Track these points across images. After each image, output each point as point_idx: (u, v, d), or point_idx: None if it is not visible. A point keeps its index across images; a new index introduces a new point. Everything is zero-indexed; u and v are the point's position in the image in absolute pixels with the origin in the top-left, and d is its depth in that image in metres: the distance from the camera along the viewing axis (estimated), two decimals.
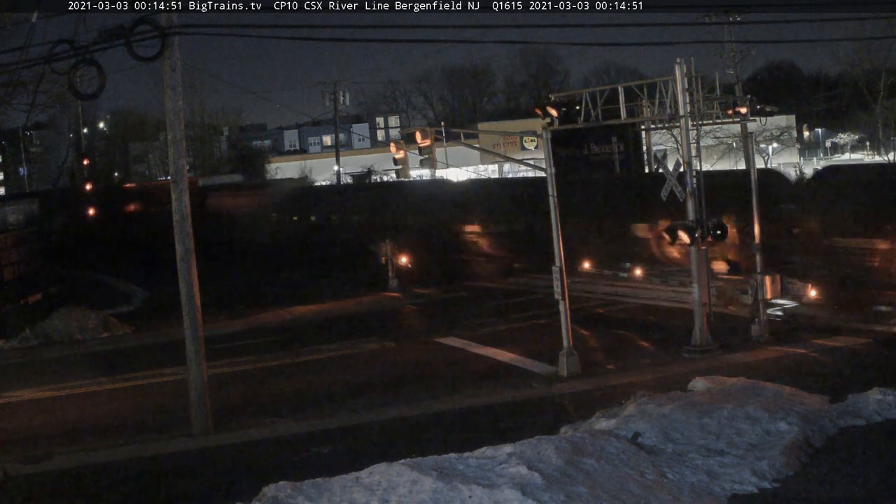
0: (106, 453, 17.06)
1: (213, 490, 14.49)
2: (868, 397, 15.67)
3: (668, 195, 22.52)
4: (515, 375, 21.27)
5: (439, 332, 26.97)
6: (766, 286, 22.64)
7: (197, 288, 17.99)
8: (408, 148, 24.11)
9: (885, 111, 58.79)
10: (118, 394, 22.13)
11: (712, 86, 24.76)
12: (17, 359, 27.18)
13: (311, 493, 12.19)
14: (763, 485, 12.45)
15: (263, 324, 30.89)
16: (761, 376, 18.43)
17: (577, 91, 23.89)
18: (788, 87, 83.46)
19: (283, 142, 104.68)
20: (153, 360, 25.52)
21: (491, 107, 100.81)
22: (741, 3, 34.64)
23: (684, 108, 21.81)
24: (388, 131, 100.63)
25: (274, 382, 22.27)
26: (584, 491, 11.89)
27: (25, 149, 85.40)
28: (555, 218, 21.35)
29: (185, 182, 18.15)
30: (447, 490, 11.78)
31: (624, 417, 15.20)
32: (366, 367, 23.52)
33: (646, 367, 21.00)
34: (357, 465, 13.07)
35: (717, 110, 24.45)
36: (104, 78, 16.57)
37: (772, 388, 16.87)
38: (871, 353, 20.82)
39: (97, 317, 31.04)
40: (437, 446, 14.75)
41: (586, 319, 26.67)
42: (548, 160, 21.35)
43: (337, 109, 70.65)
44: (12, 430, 19.02)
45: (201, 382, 17.96)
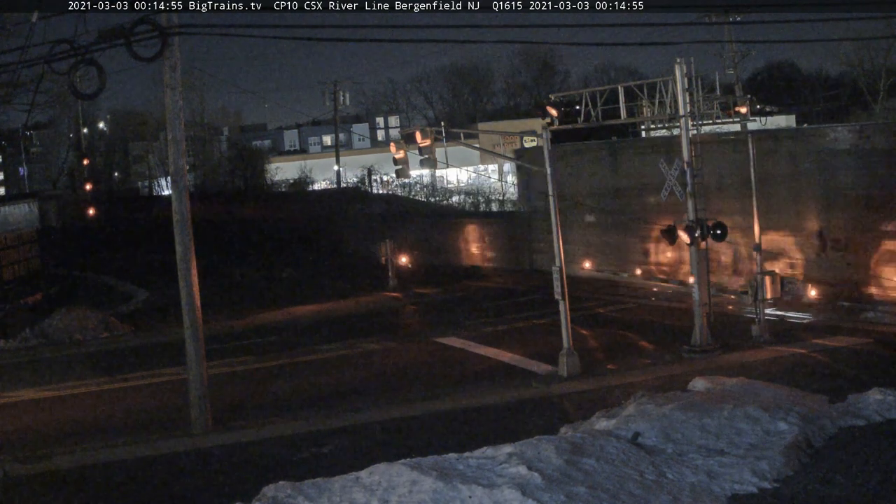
0: (106, 453, 17.06)
1: (213, 490, 14.49)
2: (868, 397, 15.68)
3: (667, 195, 22.54)
4: (515, 375, 21.27)
5: (439, 332, 26.98)
6: (766, 286, 22.64)
7: (197, 288, 17.99)
8: (408, 148, 24.10)
9: (885, 111, 58.71)
10: (118, 394, 22.13)
11: (712, 86, 24.74)
12: (17, 359, 27.18)
13: (311, 493, 12.20)
14: (763, 485, 12.45)
15: (263, 324, 30.91)
16: (761, 376, 18.45)
17: (577, 91, 23.83)
18: (788, 87, 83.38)
19: (283, 142, 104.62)
20: (153, 360, 25.54)
21: (491, 107, 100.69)
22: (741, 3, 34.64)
23: (684, 108, 21.81)
24: (388, 131, 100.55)
25: (274, 382, 22.27)
26: (583, 491, 11.90)
27: (25, 149, 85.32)
28: (555, 218, 21.36)
29: (185, 182, 18.16)
30: (447, 490, 11.78)
31: (624, 417, 15.20)
32: (366, 367, 23.52)
33: (646, 367, 20.99)
34: (357, 465, 13.08)
35: (717, 110, 24.43)
36: (104, 78, 16.57)
37: (772, 388, 16.89)
38: (871, 353, 20.82)
39: (97, 317, 31.05)
40: (437, 446, 14.77)
41: (586, 319, 26.67)
42: (548, 160, 21.37)
43: (337, 109, 70.60)
44: (12, 430, 19.02)
45: (201, 382, 17.96)
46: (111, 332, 30.34)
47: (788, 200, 27.60)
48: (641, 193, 32.29)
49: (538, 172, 21.97)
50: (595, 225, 35.68)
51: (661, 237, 23.25)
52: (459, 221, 46.96)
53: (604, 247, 35.31)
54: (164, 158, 70.09)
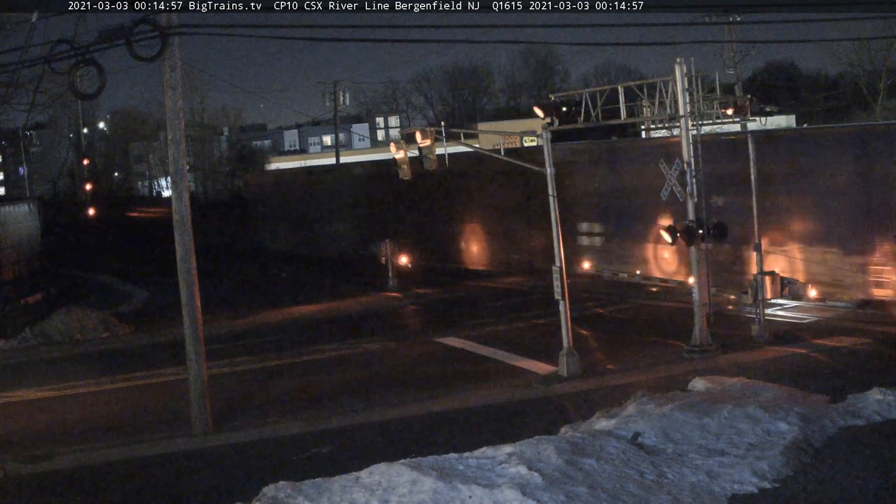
0: (106, 453, 17.06)
1: (213, 490, 14.48)
2: (868, 397, 15.68)
3: (667, 195, 22.54)
4: (515, 375, 21.27)
5: (439, 332, 26.98)
6: (766, 286, 22.65)
7: (197, 288, 17.99)
8: (408, 148, 24.09)
9: (885, 111, 58.72)
10: (118, 394, 22.12)
11: (712, 86, 24.77)
12: (17, 359, 27.16)
13: (311, 493, 12.21)
14: (763, 485, 12.46)
15: (263, 324, 30.91)
16: (761, 376, 18.45)
17: (577, 91, 23.87)
18: (788, 87, 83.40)
19: (283, 142, 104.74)
20: (153, 360, 25.53)
21: (491, 107, 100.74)
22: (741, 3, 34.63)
23: (684, 108, 21.81)
24: (388, 131, 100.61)
25: (274, 382, 22.26)
26: (583, 491, 11.90)
27: (25, 149, 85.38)
28: (555, 218, 21.35)
29: (185, 182, 18.16)
30: (447, 490, 11.79)
31: (624, 417, 15.21)
32: (366, 367, 23.51)
33: (646, 367, 20.99)
34: (357, 465, 13.09)
35: (717, 110, 24.44)
36: (104, 78, 16.56)
37: (772, 388, 16.89)
38: (871, 353, 20.82)
39: (97, 317, 31.05)
40: (437, 446, 14.76)
41: (586, 319, 26.67)
42: (548, 160, 21.36)
43: (337, 109, 70.58)
44: (12, 430, 19.00)
45: (201, 382, 17.95)
46: (111, 332, 30.33)
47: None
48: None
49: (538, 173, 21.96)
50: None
51: (661, 237, 23.24)
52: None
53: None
54: (164, 158, 70.10)
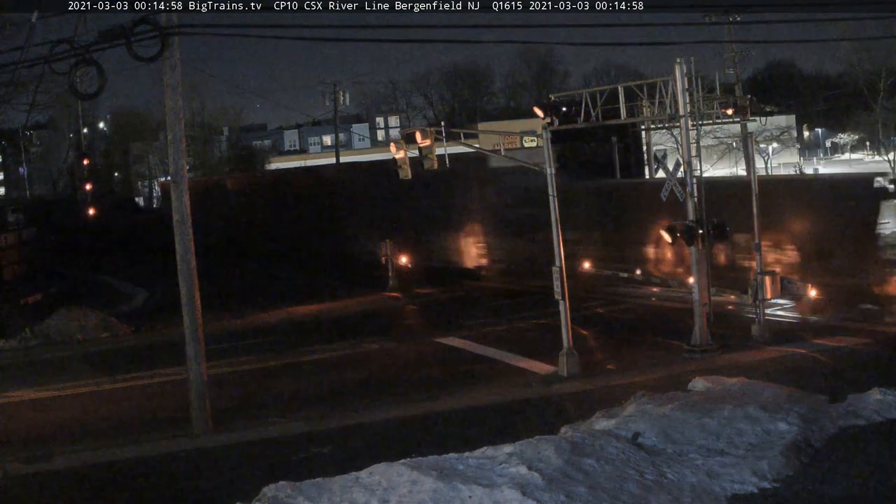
0: (106, 453, 17.05)
1: (213, 490, 14.49)
2: (868, 397, 15.67)
3: (667, 195, 22.53)
4: (515, 375, 21.27)
5: (439, 332, 26.97)
6: (766, 286, 22.64)
7: (197, 288, 17.99)
8: (408, 148, 24.06)
9: (885, 111, 58.74)
10: (118, 394, 22.12)
11: (712, 86, 24.74)
12: (17, 359, 27.16)
13: (311, 493, 12.20)
14: (763, 485, 12.45)
15: (263, 323, 30.90)
16: (761, 376, 18.44)
17: (577, 91, 23.86)
18: (788, 87, 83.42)
19: (283, 142, 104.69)
20: (153, 360, 25.51)
21: (491, 107, 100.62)
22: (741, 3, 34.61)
23: (684, 108, 21.80)
24: (388, 131, 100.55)
25: (274, 382, 22.26)
26: (583, 491, 11.90)
27: (25, 149, 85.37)
28: (555, 218, 21.34)
29: (185, 182, 18.14)
30: (447, 490, 11.79)
31: (624, 417, 15.20)
32: (366, 367, 23.50)
33: (646, 367, 20.99)
34: (357, 465, 13.08)
35: (717, 110, 24.43)
36: (104, 78, 16.56)
37: (772, 388, 16.88)
38: (871, 353, 20.82)
39: (97, 317, 31.02)
40: (437, 446, 14.74)
41: (586, 319, 26.67)
42: (548, 160, 21.36)
43: (337, 109, 70.54)
44: (12, 430, 19.00)
45: (201, 382, 17.95)
46: (111, 332, 30.30)
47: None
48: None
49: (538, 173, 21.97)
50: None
51: (660, 237, 23.24)
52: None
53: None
54: (164, 158, 70.04)
